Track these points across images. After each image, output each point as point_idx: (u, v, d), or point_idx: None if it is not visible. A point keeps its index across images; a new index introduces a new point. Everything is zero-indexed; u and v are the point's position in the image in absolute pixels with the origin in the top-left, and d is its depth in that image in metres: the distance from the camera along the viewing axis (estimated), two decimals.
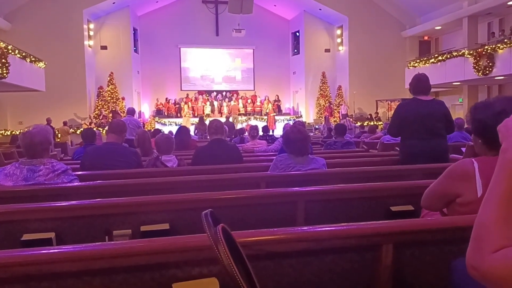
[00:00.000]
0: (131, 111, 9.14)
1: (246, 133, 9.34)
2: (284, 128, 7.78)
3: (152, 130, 10.81)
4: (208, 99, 21.56)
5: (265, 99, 21.76)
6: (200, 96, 21.55)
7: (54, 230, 2.07)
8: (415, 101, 3.98)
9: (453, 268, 1.44)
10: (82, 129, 15.82)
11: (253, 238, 1.43)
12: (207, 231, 0.88)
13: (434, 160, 3.77)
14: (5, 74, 11.62)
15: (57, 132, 14.64)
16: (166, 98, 21.12)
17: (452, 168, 1.84)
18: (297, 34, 22.02)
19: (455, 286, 1.42)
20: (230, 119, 17.68)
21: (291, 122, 15.68)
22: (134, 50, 20.10)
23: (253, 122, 18.87)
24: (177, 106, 21.06)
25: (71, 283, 1.31)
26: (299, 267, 1.49)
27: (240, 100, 21.54)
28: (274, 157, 3.55)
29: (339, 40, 21.08)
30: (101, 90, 18.81)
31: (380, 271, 1.52)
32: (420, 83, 4.00)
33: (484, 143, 1.81)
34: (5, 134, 15.94)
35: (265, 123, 17.73)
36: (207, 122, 14.72)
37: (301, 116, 21.03)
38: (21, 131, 3.24)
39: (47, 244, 1.95)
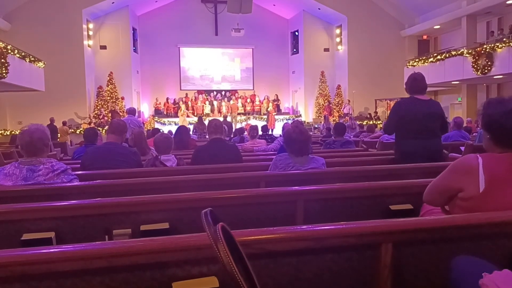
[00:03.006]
0: (132, 111, 9.17)
1: (246, 133, 9.34)
2: (283, 128, 7.78)
3: (151, 129, 10.84)
4: (207, 98, 21.56)
5: (264, 99, 21.77)
6: (200, 95, 21.55)
7: (54, 230, 2.07)
8: (414, 100, 3.97)
9: (452, 267, 1.45)
10: (81, 129, 15.83)
11: (253, 237, 1.44)
12: (206, 230, 0.88)
13: (430, 159, 3.78)
14: (4, 74, 11.62)
15: (58, 133, 14.67)
16: (167, 98, 21.11)
17: (457, 163, 1.86)
18: (296, 33, 22.02)
19: (454, 285, 1.42)
20: (228, 119, 17.68)
21: (290, 122, 15.69)
22: (134, 49, 20.08)
23: (252, 121, 18.88)
24: (176, 105, 21.06)
25: (72, 283, 1.31)
26: (298, 266, 1.49)
27: (239, 100, 21.54)
28: (274, 157, 3.55)
29: (338, 39, 21.08)
30: (100, 90, 18.80)
31: (379, 269, 1.53)
32: (416, 82, 4.00)
33: (491, 139, 1.83)
34: (5, 134, 15.93)
35: (264, 123, 17.73)
36: (206, 122, 14.75)
37: (300, 115, 21.04)
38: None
39: (47, 244, 1.95)
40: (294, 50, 22.30)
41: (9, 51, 12.19)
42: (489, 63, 13.57)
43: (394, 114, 4.07)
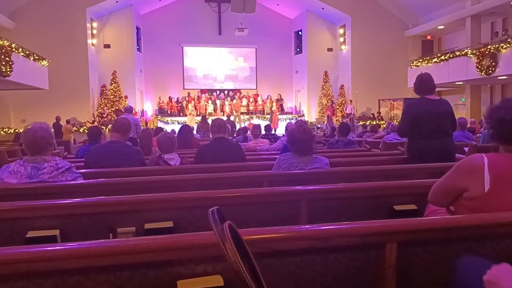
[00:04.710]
0: (129, 109, 9.22)
1: (249, 132, 9.34)
2: (286, 127, 7.77)
3: (155, 128, 10.87)
4: (210, 98, 21.58)
5: (267, 98, 21.77)
6: (203, 95, 21.57)
7: (59, 228, 2.08)
8: (424, 100, 3.96)
9: (457, 267, 1.44)
10: (85, 127, 15.87)
11: (257, 236, 1.43)
12: (213, 228, 0.88)
13: (443, 159, 3.76)
14: (8, 72, 11.66)
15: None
16: (169, 97, 21.15)
17: (462, 162, 1.86)
18: (300, 33, 22.00)
19: (458, 285, 1.42)
20: (231, 118, 17.69)
21: (293, 121, 15.66)
22: (137, 48, 20.13)
23: (255, 121, 18.88)
24: (180, 104, 21.09)
25: (77, 280, 1.32)
26: (303, 266, 1.49)
27: (243, 99, 21.54)
28: (277, 156, 3.55)
29: (341, 39, 21.06)
30: (104, 89, 18.84)
31: (384, 269, 1.52)
32: (423, 83, 3.99)
33: (492, 136, 1.83)
34: (8, 132, 15.99)
35: (267, 122, 17.72)
36: (209, 121, 14.74)
37: (303, 115, 21.03)
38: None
39: (52, 242, 1.95)
40: (298, 49, 22.28)
41: (13, 49, 12.22)
42: (493, 63, 13.53)
43: (407, 116, 4.05)
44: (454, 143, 4.17)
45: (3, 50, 11.56)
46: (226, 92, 22.22)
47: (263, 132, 8.70)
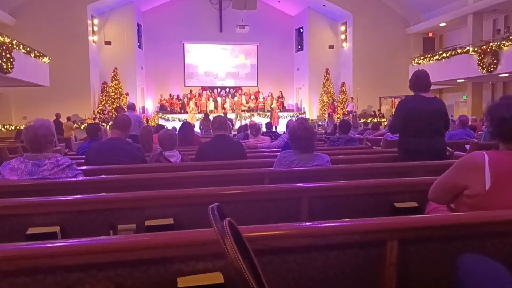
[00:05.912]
0: (131, 106, 9.23)
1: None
2: (287, 125, 7.73)
3: (155, 125, 10.89)
4: (211, 95, 21.57)
5: (268, 96, 21.75)
6: (204, 92, 21.56)
7: (59, 224, 2.08)
8: (419, 97, 3.94)
9: (458, 265, 1.44)
10: (86, 124, 15.87)
11: (258, 233, 1.43)
12: (213, 225, 0.88)
13: (434, 157, 3.76)
14: (9, 69, 11.66)
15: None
16: (170, 94, 21.15)
17: (463, 160, 1.85)
18: (301, 30, 21.95)
19: (459, 283, 1.41)
20: (229, 115, 17.67)
21: (294, 119, 15.64)
22: (138, 45, 20.11)
23: (256, 118, 18.86)
24: (181, 102, 21.09)
25: (77, 277, 1.32)
26: (303, 263, 1.49)
27: (243, 96, 21.52)
28: (278, 153, 3.55)
29: (343, 36, 21.01)
30: (105, 86, 18.84)
31: (385, 267, 1.52)
32: (419, 80, 3.96)
33: (493, 134, 1.83)
34: (10, 129, 16.00)
35: (268, 120, 17.71)
36: (211, 118, 14.71)
37: (304, 112, 21.01)
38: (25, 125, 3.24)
39: (52, 238, 1.96)
40: (299, 47, 22.24)
41: (14, 46, 12.22)
42: (495, 61, 13.49)
43: (399, 113, 4.02)
44: (445, 142, 4.15)
45: (4, 47, 11.56)
46: (227, 89, 22.20)
47: (264, 129, 8.67)
